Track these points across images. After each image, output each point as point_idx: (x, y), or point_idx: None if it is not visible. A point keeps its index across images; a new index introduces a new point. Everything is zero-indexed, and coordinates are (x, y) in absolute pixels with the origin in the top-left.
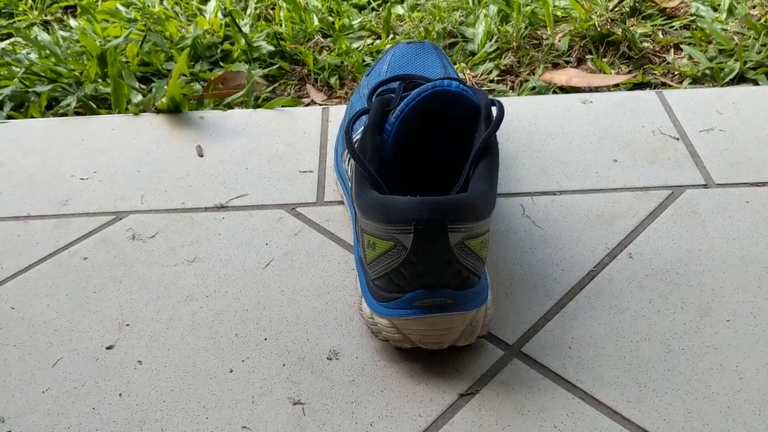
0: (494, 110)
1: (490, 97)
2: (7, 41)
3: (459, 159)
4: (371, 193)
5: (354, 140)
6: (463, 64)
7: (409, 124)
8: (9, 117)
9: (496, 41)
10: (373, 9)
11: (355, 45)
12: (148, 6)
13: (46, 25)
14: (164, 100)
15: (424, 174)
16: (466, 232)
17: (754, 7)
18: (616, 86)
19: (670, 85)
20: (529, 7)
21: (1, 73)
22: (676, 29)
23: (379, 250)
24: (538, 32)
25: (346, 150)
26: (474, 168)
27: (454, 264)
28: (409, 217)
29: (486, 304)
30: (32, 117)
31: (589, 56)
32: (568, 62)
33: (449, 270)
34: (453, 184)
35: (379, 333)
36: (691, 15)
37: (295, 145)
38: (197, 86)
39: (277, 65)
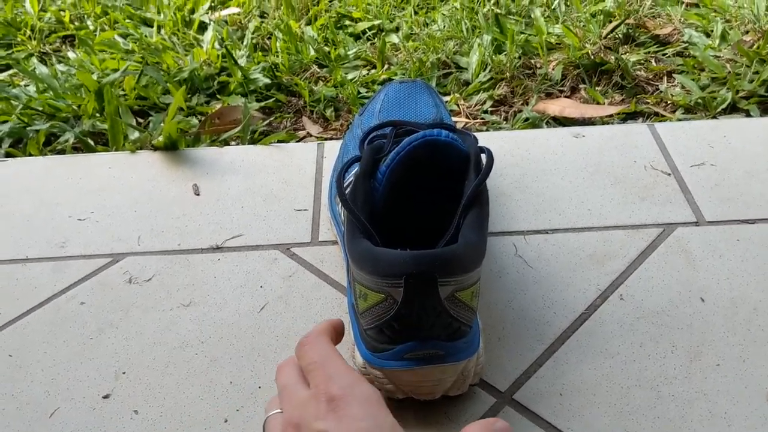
0: (483, 157)
1: (480, 144)
2: (6, 73)
3: (450, 206)
4: (363, 243)
5: (346, 184)
6: (457, 95)
7: (400, 172)
8: (7, 154)
9: (489, 71)
10: (368, 39)
11: (350, 75)
12: (146, 36)
13: (44, 56)
14: (161, 138)
15: (416, 221)
16: (456, 285)
17: (746, 32)
18: (610, 116)
19: (663, 115)
20: (522, 35)
21: (0, 107)
22: (669, 56)
23: (370, 302)
24: (532, 61)
25: None
26: (464, 217)
27: (444, 317)
28: (399, 271)
29: (477, 353)
30: (30, 154)
31: (582, 86)
32: (561, 92)
33: (440, 322)
34: (444, 231)
35: (372, 382)
36: (684, 42)
37: (291, 182)
38: (194, 120)
39: (274, 98)
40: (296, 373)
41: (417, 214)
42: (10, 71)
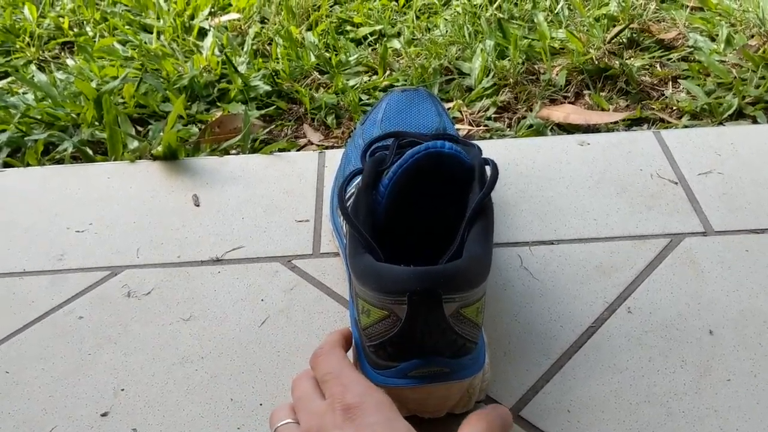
0: (488, 169)
1: (484, 155)
2: (4, 80)
3: (454, 219)
4: (365, 258)
5: (348, 196)
6: (460, 101)
7: (403, 185)
8: (5, 164)
9: (492, 77)
10: (369, 44)
11: (351, 82)
12: (145, 43)
13: (43, 63)
14: (160, 148)
15: (419, 233)
16: (461, 301)
17: (752, 36)
18: (615, 123)
19: (668, 121)
20: (526, 40)
21: None
22: (674, 61)
23: (373, 318)
24: (535, 66)
25: None
26: (468, 230)
27: (449, 334)
28: (403, 288)
29: (483, 369)
30: (28, 164)
31: (586, 91)
32: (565, 97)
33: (444, 340)
34: (448, 244)
35: None
36: (689, 46)
37: (292, 192)
38: (194, 129)
39: (274, 105)
40: (311, 385)
41: (420, 227)
42: (9, 79)
